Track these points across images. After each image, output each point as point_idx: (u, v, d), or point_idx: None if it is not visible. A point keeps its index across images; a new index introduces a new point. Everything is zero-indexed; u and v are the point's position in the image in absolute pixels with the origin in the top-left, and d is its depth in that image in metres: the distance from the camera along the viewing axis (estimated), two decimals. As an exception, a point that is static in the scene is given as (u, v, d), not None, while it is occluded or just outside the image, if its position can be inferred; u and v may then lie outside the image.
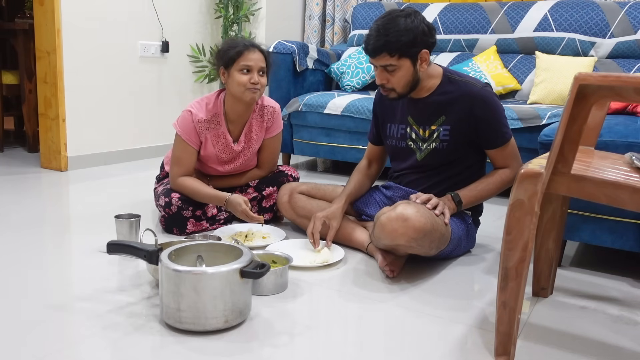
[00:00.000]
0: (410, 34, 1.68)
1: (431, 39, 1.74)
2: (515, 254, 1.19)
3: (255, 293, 1.53)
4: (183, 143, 2.07)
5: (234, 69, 2.00)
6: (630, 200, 1.14)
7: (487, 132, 1.80)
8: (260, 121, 2.18)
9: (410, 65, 1.74)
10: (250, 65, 1.99)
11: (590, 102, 1.13)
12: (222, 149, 2.13)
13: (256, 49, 2.03)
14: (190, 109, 2.07)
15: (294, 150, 3.45)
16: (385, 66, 1.73)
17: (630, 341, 1.38)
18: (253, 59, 1.99)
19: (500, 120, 1.80)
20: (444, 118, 1.82)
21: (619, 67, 3.12)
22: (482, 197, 1.84)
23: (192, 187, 2.05)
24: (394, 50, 1.70)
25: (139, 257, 1.45)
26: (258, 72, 2.01)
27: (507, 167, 1.84)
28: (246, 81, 1.98)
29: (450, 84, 1.82)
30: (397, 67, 1.73)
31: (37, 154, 3.47)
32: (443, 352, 1.29)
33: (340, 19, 4.25)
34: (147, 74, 3.58)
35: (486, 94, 1.78)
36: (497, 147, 1.82)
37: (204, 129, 2.08)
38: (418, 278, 1.73)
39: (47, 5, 3.01)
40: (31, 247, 1.89)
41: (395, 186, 2.01)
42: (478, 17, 3.55)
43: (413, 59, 1.73)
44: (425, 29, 1.72)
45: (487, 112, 1.78)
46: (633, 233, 1.72)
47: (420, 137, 1.88)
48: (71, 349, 1.24)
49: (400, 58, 1.71)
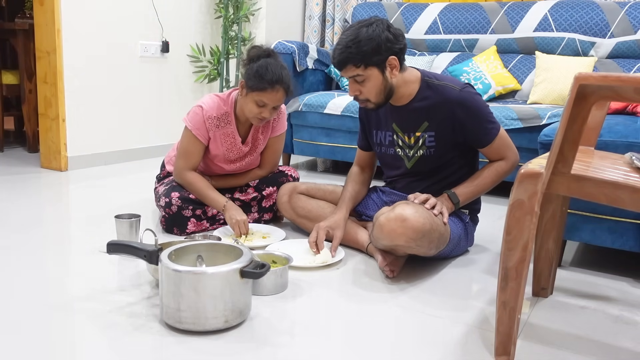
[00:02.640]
0: (372, 43, 1.66)
1: (397, 45, 1.70)
2: (515, 254, 1.19)
3: (255, 293, 1.53)
4: (192, 137, 2.07)
5: (253, 96, 1.97)
6: (630, 200, 1.14)
7: (474, 133, 1.79)
8: (267, 122, 2.18)
9: (379, 73, 1.71)
10: (267, 103, 1.97)
11: (590, 102, 1.13)
12: (230, 148, 2.13)
13: (281, 89, 1.97)
14: (202, 104, 2.08)
15: (294, 150, 3.45)
16: (354, 77, 1.72)
17: (630, 341, 1.38)
18: (274, 99, 1.97)
19: (484, 118, 1.77)
20: (426, 124, 1.81)
21: (619, 67, 3.12)
22: (479, 191, 1.83)
23: (195, 184, 2.06)
24: (358, 61, 1.68)
25: (139, 257, 1.45)
26: (273, 107, 2.00)
27: (503, 159, 1.82)
28: (257, 113, 1.99)
29: (428, 89, 1.80)
30: (366, 77, 1.71)
31: (37, 154, 3.47)
32: (443, 352, 1.29)
33: (340, 19, 4.25)
34: (147, 74, 3.58)
35: (465, 95, 1.75)
36: (487, 144, 1.80)
37: (213, 126, 2.08)
38: (418, 278, 1.74)
39: (47, 5, 3.01)
40: (31, 247, 1.89)
41: (390, 191, 2.02)
42: (478, 17, 3.55)
43: (380, 67, 1.71)
44: (390, 35, 1.69)
45: (469, 114, 1.75)
46: (633, 233, 1.72)
47: (407, 143, 1.87)
48: (71, 349, 1.24)
49: (367, 68, 1.69)
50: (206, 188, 2.06)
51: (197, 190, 2.05)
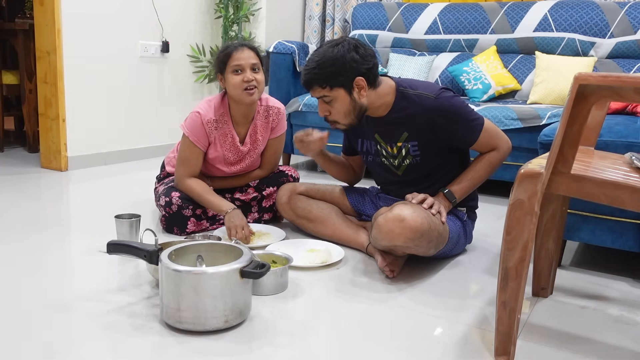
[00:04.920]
0: (336, 63, 1.65)
1: (364, 65, 1.68)
2: (515, 254, 1.19)
3: (255, 293, 1.53)
4: (191, 145, 2.06)
5: (227, 72, 1.99)
6: (630, 200, 1.14)
7: (459, 136, 1.77)
8: (265, 122, 2.18)
9: (346, 94, 1.70)
10: (241, 65, 1.97)
11: (590, 102, 1.13)
12: (229, 148, 2.13)
13: (245, 47, 2.00)
14: (199, 110, 2.06)
15: (294, 150, 3.45)
16: (322, 97, 1.72)
17: (630, 341, 1.38)
18: (242, 57, 1.97)
19: (465, 118, 1.75)
20: (406, 134, 1.79)
21: (618, 67, 3.12)
22: (474, 185, 1.82)
23: (196, 191, 2.04)
24: (322, 82, 1.68)
25: (139, 257, 1.45)
26: (251, 70, 1.99)
27: (494, 150, 1.80)
28: (240, 81, 1.97)
29: (403, 99, 1.77)
30: (333, 98, 1.70)
31: (37, 154, 3.47)
32: (443, 352, 1.29)
33: (340, 19, 4.25)
34: (147, 74, 3.58)
35: (442, 102, 1.72)
36: (474, 142, 1.78)
37: (213, 129, 2.07)
38: (418, 278, 1.74)
39: (47, 5, 3.01)
40: (31, 247, 1.89)
41: (385, 197, 2.02)
42: (478, 17, 3.55)
43: (347, 88, 1.69)
44: (355, 56, 1.66)
45: (450, 120, 1.73)
46: (633, 233, 1.72)
47: (390, 153, 1.86)
48: (71, 348, 1.24)
49: (332, 89, 1.69)
50: (207, 193, 2.04)
51: (198, 196, 2.04)
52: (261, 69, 2.03)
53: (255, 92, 2.00)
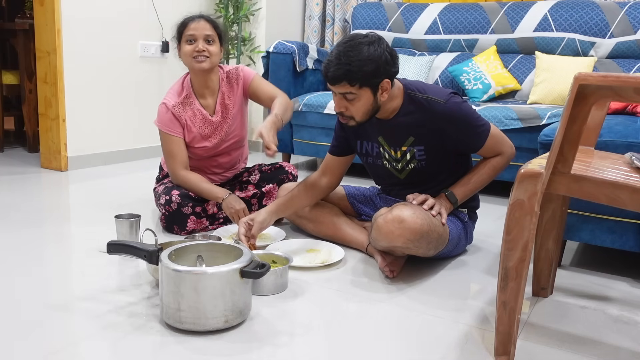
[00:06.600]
0: (373, 64, 1.58)
1: (393, 69, 1.64)
2: (515, 254, 1.19)
3: (255, 293, 1.53)
4: (168, 136, 2.11)
5: (182, 42, 2.06)
6: (629, 200, 1.14)
7: (466, 141, 1.76)
8: (229, 87, 2.20)
9: (371, 94, 1.64)
10: (194, 35, 2.03)
11: (590, 102, 1.13)
12: (202, 124, 2.16)
13: (201, 19, 2.05)
14: (164, 101, 2.14)
15: (294, 150, 3.45)
16: (345, 94, 1.64)
17: (630, 341, 1.38)
18: (197, 27, 2.03)
19: (473, 124, 1.73)
20: (412, 139, 1.77)
21: (618, 67, 3.12)
22: (476, 188, 1.81)
23: (192, 180, 2.09)
24: (355, 80, 1.59)
25: (139, 257, 1.45)
26: (205, 41, 2.03)
27: (499, 155, 1.79)
28: (191, 50, 2.03)
29: (411, 103, 1.73)
30: (357, 96, 1.63)
31: (37, 154, 3.47)
32: (443, 352, 1.29)
33: (340, 19, 4.25)
34: (147, 74, 3.58)
35: (451, 108, 1.69)
36: (481, 147, 1.77)
37: (181, 111, 2.12)
38: (418, 278, 1.74)
39: (47, 5, 3.01)
40: (31, 247, 1.89)
41: (386, 197, 2.02)
42: (478, 17, 3.55)
43: (374, 88, 1.63)
44: (389, 57, 1.61)
45: (459, 126, 1.72)
46: (633, 233, 1.72)
47: (393, 157, 1.84)
48: (71, 349, 1.24)
49: (361, 87, 1.62)
50: (203, 182, 2.10)
51: (193, 185, 2.08)
52: (217, 41, 2.07)
53: (205, 61, 2.04)
